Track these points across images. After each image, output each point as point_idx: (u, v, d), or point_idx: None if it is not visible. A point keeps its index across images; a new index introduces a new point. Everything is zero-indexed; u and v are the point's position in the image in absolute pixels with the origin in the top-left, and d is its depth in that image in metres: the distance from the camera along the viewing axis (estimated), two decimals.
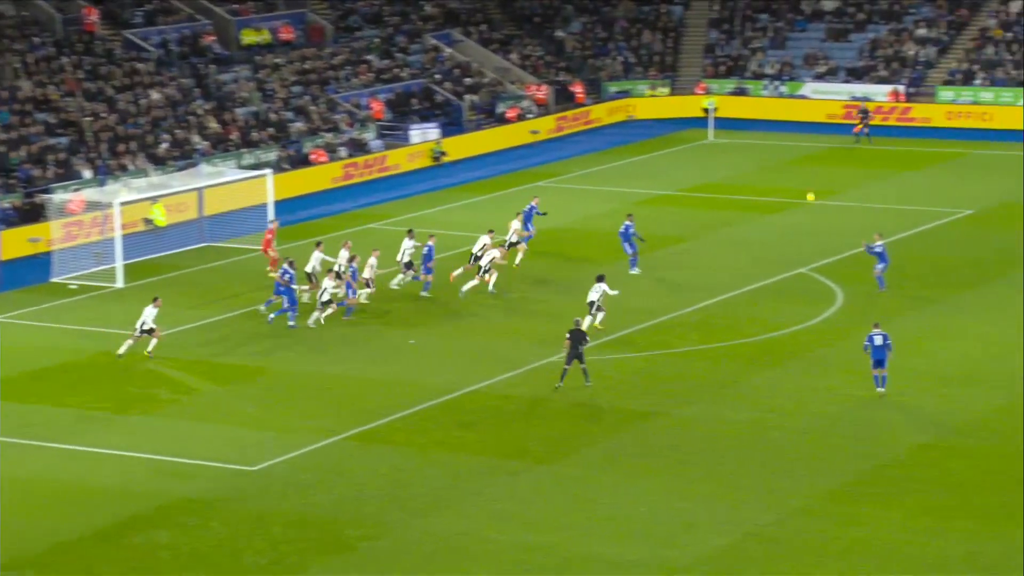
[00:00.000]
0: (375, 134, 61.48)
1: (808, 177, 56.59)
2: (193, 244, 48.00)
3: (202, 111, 57.46)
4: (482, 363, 35.65)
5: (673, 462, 29.61)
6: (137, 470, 29.52)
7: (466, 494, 28.19)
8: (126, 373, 35.45)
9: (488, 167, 60.59)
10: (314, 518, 27.19)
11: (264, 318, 38.61)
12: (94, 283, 43.41)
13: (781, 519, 26.87)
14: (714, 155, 61.94)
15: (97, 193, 47.75)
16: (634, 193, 54.01)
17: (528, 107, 67.03)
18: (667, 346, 36.74)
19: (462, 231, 49.13)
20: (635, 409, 32.61)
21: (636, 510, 27.37)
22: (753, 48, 72.21)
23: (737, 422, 31.73)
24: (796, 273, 42.99)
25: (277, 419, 32.29)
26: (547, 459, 29.88)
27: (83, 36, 58.54)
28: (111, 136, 53.65)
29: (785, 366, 35.18)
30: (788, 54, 71.47)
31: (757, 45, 72.30)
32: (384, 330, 38.35)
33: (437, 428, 31.73)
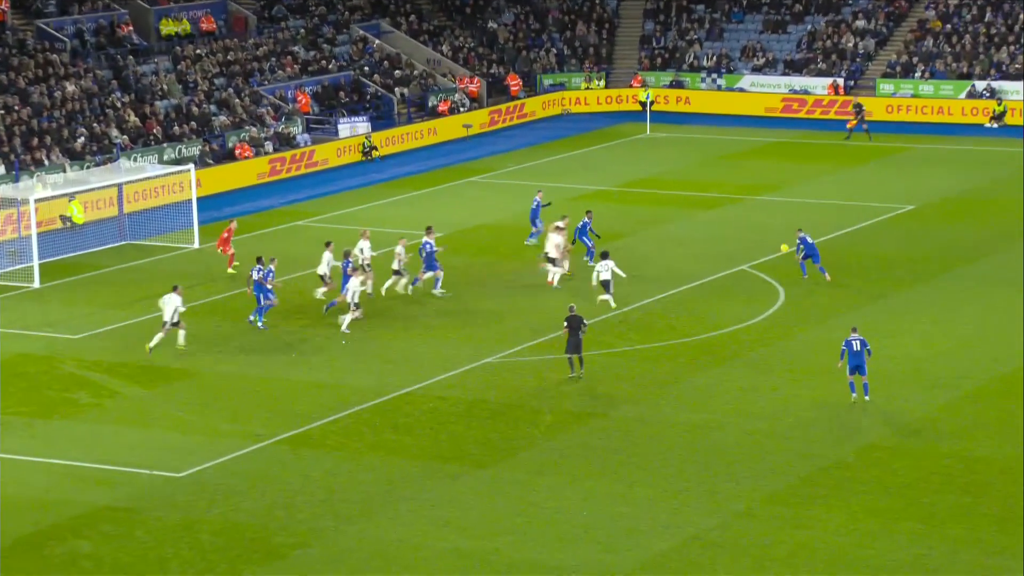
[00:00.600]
0: (302, 128, 61.24)
1: (748, 172, 57.13)
2: (113, 242, 47.58)
3: (120, 104, 56.96)
4: (417, 364, 35.66)
5: (614, 464, 29.80)
6: (57, 477, 29.24)
7: (401, 499, 28.20)
8: (45, 376, 35.08)
9: (420, 162, 60.56)
10: (244, 525, 27.08)
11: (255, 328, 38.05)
12: (9, 283, 42.91)
13: (724, 523, 27.12)
14: (652, 149, 62.30)
15: (11, 189, 47.17)
16: (570, 188, 54.21)
17: (460, 100, 67.09)
18: (606, 345, 36.94)
19: (394, 228, 49.05)
20: (574, 410, 32.76)
21: (576, 514, 27.50)
22: (689, 40, 72.74)
23: (678, 423, 31.96)
24: (737, 270, 43.35)
25: (205, 423, 32.11)
26: (485, 462, 29.96)
27: None
28: (24, 130, 53.03)
29: (727, 366, 35.47)
30: (725, 46, 72.07)
31: (693, 37, 72.83)
32: (315, 330, 38.23)
33: (371, 432, 31.70)
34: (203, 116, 58.50)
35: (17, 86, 55.32)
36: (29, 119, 53.65)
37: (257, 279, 38.08)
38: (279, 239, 48.28)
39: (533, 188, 54.24)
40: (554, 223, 42.64)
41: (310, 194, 55.02)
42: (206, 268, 44.71)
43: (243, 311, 40.17)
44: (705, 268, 43.18)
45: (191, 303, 40.94)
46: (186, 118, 57.95)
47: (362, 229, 41.21)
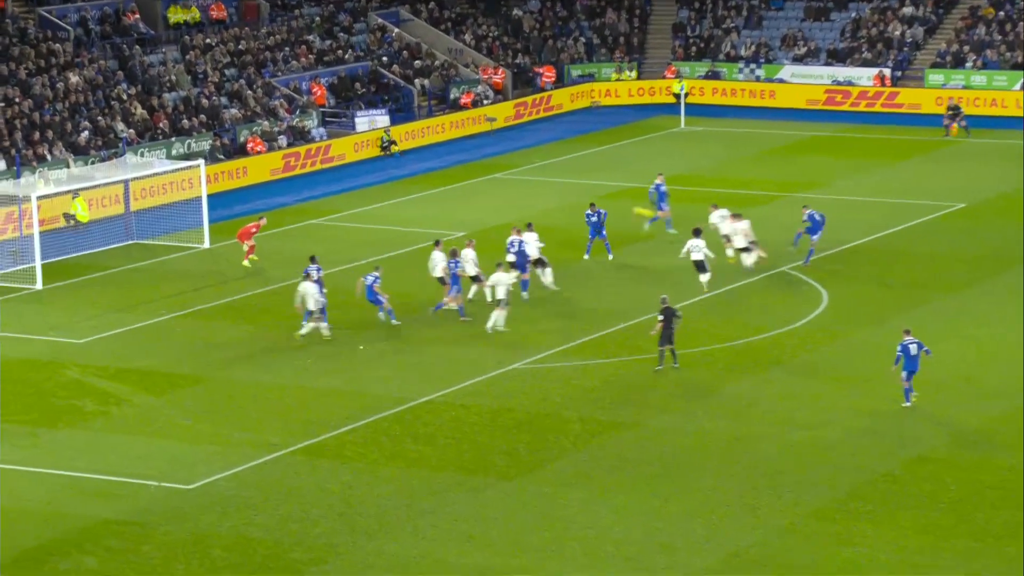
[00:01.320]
0: (317, 121, 61.37)
1: (788, 167, 57.01)
2: (119, 241, 47.76)
3: (126, 96, 57.16)
4: (438, 371, 35.68)
5: (648, 477, 29.74)
6: (61, 489, 29.34)
7: (422, 513, 28.20)
8: (48, 383, 35.23)
9: (441, 157, 60.62)
10: (257, 540, 27.12)
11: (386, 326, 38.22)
12: (11, 284, 43.09)
13: (765, 539, 27.03)
14: (686, 144, 62.22)
15: (12, 186, 47.41)
16: (600, 185, 54.19)
17: (483, 92, 67.12)
18: (639, 351, 36.88)
19: (413, 227, 49.16)
20: (605, 419, 32.73)
21: (608, 530, 27.46)
22: (726, 28, 72.62)
23: (716, 433, 31.88)
24: (778, 272, 43.24)
25: (216, 432, 32.17)
26: (511, 474, 29.94)
27: None
28: (26, 123, 53.27)
29: (767, 372, 35.38)
30: (764, 34, 71.94)
31: (731, 25, 72.72)
32: (335, 334, 38.25)
33: (390, 441, 31.72)
34: (213, 109, 58.67)
35: (18, 77, 55.58)
36: (31, 112, 53.89)
37: (370, 284, 38.16)
38: (294, 238, 48.39)
39: (560, 185, 54.32)
40: (723, 211, 43.21)
41: (326, 191, 55.14)
42: (217, 269, 44.83)
43: (255, 313, 40.27)
44: (743, 270, 43.02)
45: (199, 305, 41.09)
46: (195, 111, 58.13)
47: (468, 240, 41.02)
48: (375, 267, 39.45)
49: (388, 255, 45.66)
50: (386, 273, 42.13)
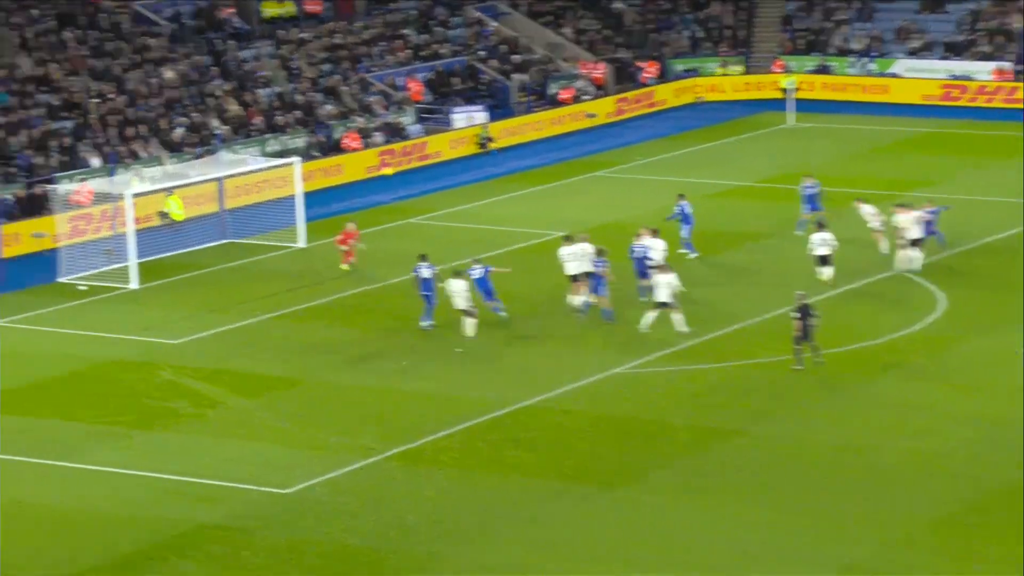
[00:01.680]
0: (413, 118, 61.64)
1: (902, 165, 56.32)
2: (214, 240, 48.27)
3: (221, 92, 57.78)
4: (538, 375, 35.67)
5: (757, 486, 29.53)
6: (158, 493, 29.69)
7: (522, 522, 28.19)
8: (143, 384, 35.70)
9: (539, 155, 60.64)
10: (354, 547, 27.27)
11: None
12: (105, 283, 43.72)
13: (880, 552, 26.73)
14: (794, 141, 61.71)
15: (106, 183, 48.09)
16: (704, 184, 53.90)
17: (584, 88, 67.03)
18: (747, 356, 36.63)
19: (510, 225, 49.20)
20: (713, 427, 32.54)
21: (715, 541, 27.28)
22: (837, 20, 71.92)
23: (828, 442, 31.58)
24: (891, 275, 42.77)
25: (313, 436, 32.40)
26: (614, 483, 29.85)
27: (88, 8, 58.97)
28: (120, 120, 54.02)
29: (881, 379, 34.99)
30: (877, 27, 71.15)
31: (842, 17, 72.02)
32: (429, 337, 38.41)
33: (489, 447, 31.76)
34: (308, 105, 59.15)
35: (112, 73, 56.38)
36: (125, 108, 54.64)
37: (480, 277, 38.24)
38: (389, 237, 48.65)
39: (662, 183, 54.08)
40: (871, 207, 43.27)
41: (422, 189, 55.37)
42: (312, 268, 45.19)
43: (351, 314, 40.54)
44: (855, 272, 42.62)
45: (294, 306, 41.44)
46: (290, 107, 58.64)
47: (645, 229, 41.19)
48: (475, 261, 39.48)
49: (485, 255, 45.66)
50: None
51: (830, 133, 62.95)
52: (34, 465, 31.06)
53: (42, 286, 43.87)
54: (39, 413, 33.88)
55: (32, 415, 33.75)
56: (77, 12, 58.48)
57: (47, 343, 38.80)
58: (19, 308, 41.65)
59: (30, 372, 36.52)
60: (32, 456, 31.48)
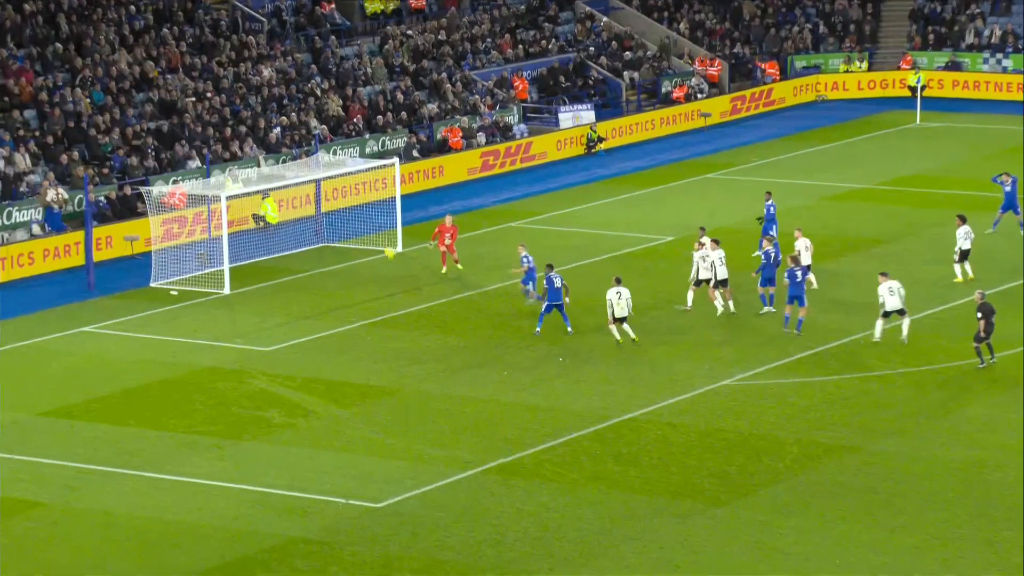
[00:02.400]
0: (519, 117, 61.90)
1: None
2: (310, 244, 48.83)
3: (320, 90, 58.47)
4: (643, 386, 35.70)
5: (872, 506, 29.33)
6: (247, 505, 30.13)
7: (625, 539, 28.25)
8: (234, 392, 36.23)
9: (650, 156, 60.61)
10: (449, 564, 27.48)
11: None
12: (197, 288, 44.43)
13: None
14: (922, 141, 61.09)
15: (201, 185, 48.83)
16: (826, 187, 53.55)
17: (698, 85, 66.89)
18: (863, 368, 36.37)
19: (618, 230, 49.25)
20: (826, 442, 32.36)
21: (828, 563, 27.15)
22: (970, 14, 71.05)
23: (949, 460, 31.29)
24: (1017, 285, 42.21)
25: (406, 447, 32.69)
26: (721, 500, 29.81)
27: (186, 5, 59.95)
28: (217, 119, 54.86)
29: (1009, 394, 34.57)
30: (1012, 21, 70.16)
31: (975, 10, 71.12)
32: (531, 346, 38.58)
33: (591, 461, 31.84)
34: (410, 104, 59.64)
35: (210, 71, 57.26)
36: (222, 107, 55.46)
37: (558, 287, 38.87)
38: (491, 241, 48.92)
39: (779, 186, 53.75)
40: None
41: (526, 191, 55.58)
42: (410, 274, 45.59)
43: (449, 321, 40.84)
44: (985, 279, 42.12)
45: (391, 312, 41.80)
46: (391, 106, 59.17)
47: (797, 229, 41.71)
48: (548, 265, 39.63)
49: (590, 260, 45.86)
50: (588, 279, 42.31)
51: (960, 133, 62.23)
52: (123, 476, 31.67)
53: (133, 291, 44.68)
54: (128, 422, 34.54)
55: (121, 424, 34.42)
56: (175, 8, 59.44)
57: (137, 349, 39.52)
58: (110, 313, 42.46)
59: (120, 379, 37.23)
60: (120, 467, 32.09)
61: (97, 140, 51.61)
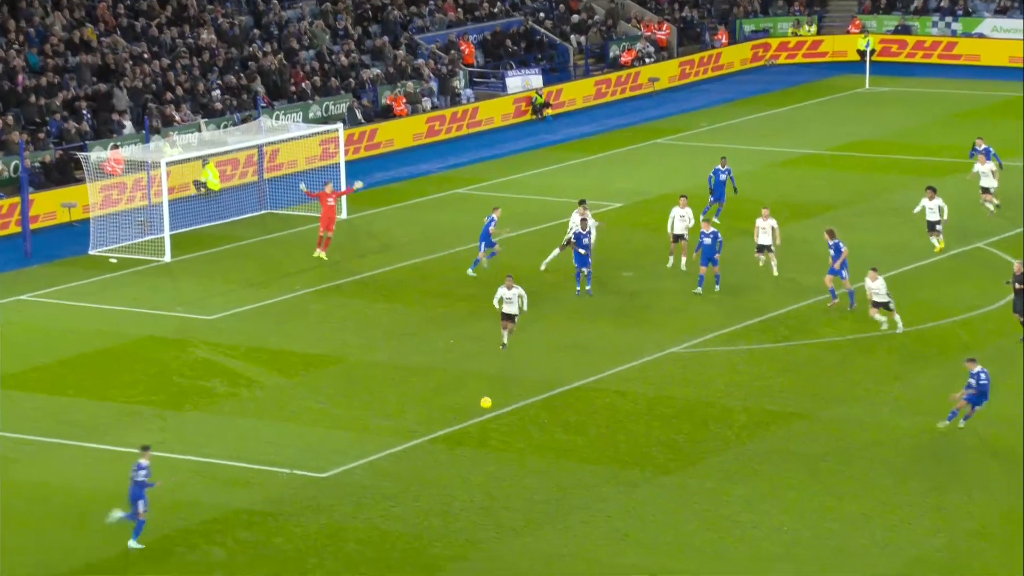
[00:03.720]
0: (465, 82, 61.77)
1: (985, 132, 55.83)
2: (252, 211, 48.63)
3: (261, 54, 58.12)
4: (592, 354, 35.79)
5: (821, 473, 29.55)
6: (189, 476, 30.06)
7: (573, 509, 28.36)
8: (176, 362, 36.09)
9: (598, 121, 60.64)
10: (395, 534, 27.52)
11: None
12: (138, 256, 44.17)
13: (952, 543, 26.73)
14: (871, 107, 61.38)
15: (140, 151, 48.49)
16: (774, 152, 53.76)
17: (646, 50, 66.93)
18: (812, 335, 36.60)
19: (566, 196, 49.25)
20: (774, 410, 32.56)
21: (776, 530, 27.35)
22: None
23: (898, 427, 31.54)
24: (971, 248, 42.55)
25: (353, 417, 32.68)
26: (669, 468, 29.96)
27: None
28: (156, 84, 54.46)
29: (957, 360, 34.81)
30: None
31: None
32: (477, 314, 38.61)
33: (539, 430, 31.93)
34: (353, 68, 59.40)
35: (148, 34, 56.77)
36: (162, 72, 55.04)
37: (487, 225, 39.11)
38: (437, 208, 48.86)
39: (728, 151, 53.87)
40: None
41: (473, 157, 55.51)
42: (355, 241, 45.47)
43: (395, 289, 40.79)
44: (933, 246, 42.39)
45: (336, 280, 41.73)
46: (334, 71, 58.92)
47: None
48: (494, 207, 39.70)
49: (538, 227, 45.89)
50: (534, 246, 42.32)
51: (909, 98, 62.57)
52: (62, 446, 31.52)
53: (72, 258, 44.39)
54: (67, 392, 34.36)
55: (60, 394, 34.23)
56: None
57: (76, 318, 39.29)
58: (47, 281, 42.17)
59: (58, 349, 37.01)
60: (59, 437, 31.94)
61: (33, 104, 51.12)
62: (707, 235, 38.88)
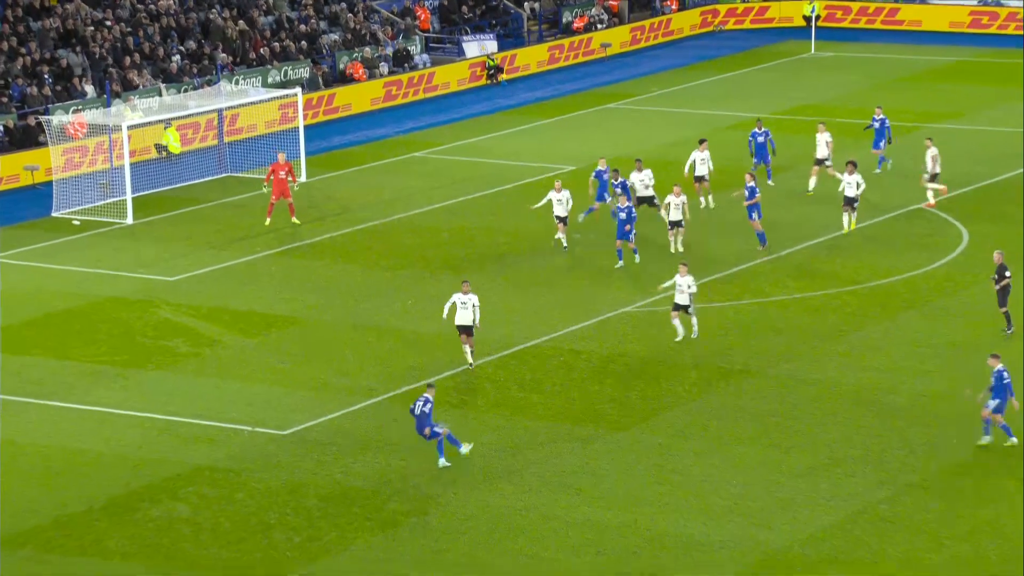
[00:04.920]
0: (421, 47, 61.49)
1: (927, 96, 56.12)
2: (213, 174, 48.39)
3: (221, 19, 57.68)
4: (545, 314, 35.82)
5: (768, 428, 29.71)
6: (153, 433, 29.98)
7: (528, 464, 28.43)
8: (139, 322, 35.92)
9: (552, 86, 60.51)
10: (354, 490, 27.53)
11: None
12: (100, 219, 43.89)
13: (895, 495, 26.93)
14: (817, 71, 61.47)
15: (102, 115, 48.14)
16: (723, 116, 53.79)
17: (598, 16, 66.77)
18: (760, 294, 36.72)
19: (520, 160, 49.23)
20: (724, 367, 32.69)
21: (725, 484, 27.50)
22: None
23: (843, 383, 31.72)
24: (913, 209, 42.75)
25: (311, 376, 32.62)
26: (623, 424, 30.06)
27: None
28: (116, 48, 54.00)
29: (899, 318, 35.08)
30: None
31: None
32: (434, 275, 38.55)
33: (494, 388, 31.96)
34: (311, 34, 59.04)
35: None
36: (122, 36, 54.58)
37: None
38: (395, 172, 48.71)
39: (678, 116, 53.93)
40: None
41: (430, 122, 55.32)
42: (314, 204, 45.30)
43: (354, 252, 40.68)
44: (875, 206, 42.60)
45: (296, 242, 41.58)
46: (293, 36, 58.54)
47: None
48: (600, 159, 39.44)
49: (494, 190, 45.82)
50: (490, 209, 42.33)
51: (853, 62, 62.68)
52: (26, 405, 31.35)
53: (35, 221, 44.09)
54: (31, 352, 34.15)
55: (24, 354, 34.02)
56: None
57: (40, 280, 39.03)
58: (11, 243, 41.86)
59: (22, 310, 36.76)
60: (24, 396, 31.77)
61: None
62: (622, 209, 37.90)
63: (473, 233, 40.22)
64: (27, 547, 25.74)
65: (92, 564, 25.18)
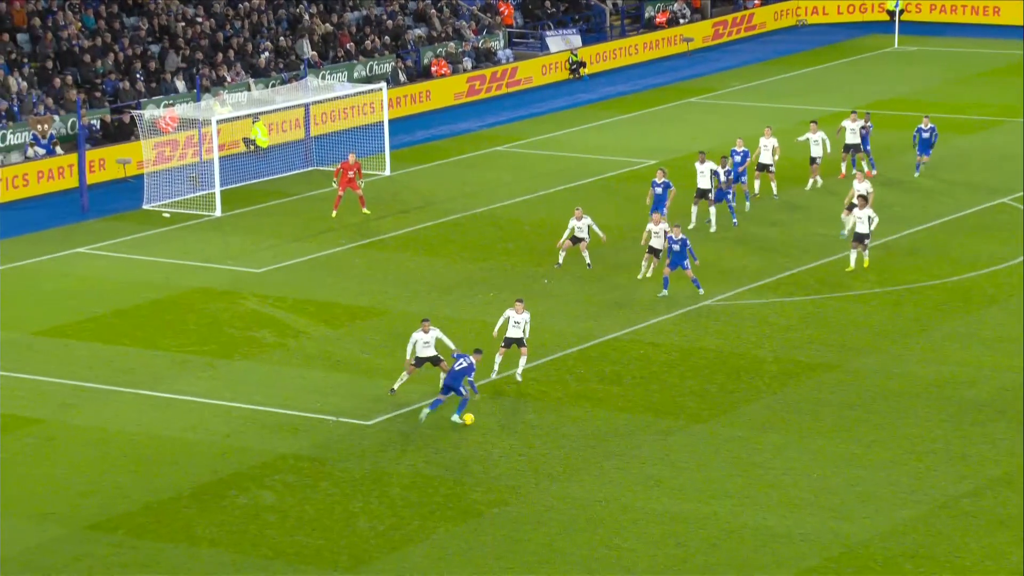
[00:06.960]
0: (504, 42, 61.48)
1: (1013, 91, 55.36)
2: (299, 168, 48.64)
3: (308, 15, 57.97)
4: (626, 307, 35.69)
5: (849, 422, 29.44)
6: (239, 422, 30.18)
7: (608, 456, 28.34)
8: (226, 313, 36.17)
9: (633, 80, 60.30)
10: (437, 480, 27.57)
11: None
12: (189, 211, 44.26)
13: (977, 490, 26.60)
14: (900, 65, 60.86)
15: (192, 109, 48.53)
16: (805, 111, 53.34)
17: (680, 11, 66.45)
18: (841, 287, 36.40)
19: (601, 154, 49.10)
20: (804, 360, 32.43)
21: (805, 477, 27.28)
22: None
23: (924, 377, 31.38)
24: (997, 203, 42.23)
25: (396, 367, 32.66)
26: (702, 417, 29.90)
27: None
28: (207, 44, 54.41)
29: (982, 312, 34.66)
30: None
31: None
32: (516, 268, 38.53)
33: (575, 380, 31.89)
34: (397, 29, 59.18)
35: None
36: (212, 32, 54.99)
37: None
38: (476, 166, 48.74)
39: (759, 110, 53.54)
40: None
41: (511, 116, 55.30)
42: (398, 197, 45.43)
43: (436, 244, 40.75)
44: (959, 201, 42.13)
45: (380, 235, 41.71)
46: (379, 31, 58.72)
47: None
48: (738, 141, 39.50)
49: (575, 184, 45.73)
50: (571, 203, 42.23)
51: (937, 56, 62.00)
52: (117, 393, 31.67)
53: (126, 213, 44.51)
54: (121, 341, 34.49)
55: (115, 343, 34.37)
56: None
57: (130, 271, 39.41)
58: (103, 236, 42.31)
59: (113, 300, 37.14)
60: (114, 384, 32.08)
61: (88, 64, 51.16)
62: (675, 242, 35.74)
63: (554, 226, 40.08)
64: (118, 532, 26.00)
65: (181, 550, 25.40)
